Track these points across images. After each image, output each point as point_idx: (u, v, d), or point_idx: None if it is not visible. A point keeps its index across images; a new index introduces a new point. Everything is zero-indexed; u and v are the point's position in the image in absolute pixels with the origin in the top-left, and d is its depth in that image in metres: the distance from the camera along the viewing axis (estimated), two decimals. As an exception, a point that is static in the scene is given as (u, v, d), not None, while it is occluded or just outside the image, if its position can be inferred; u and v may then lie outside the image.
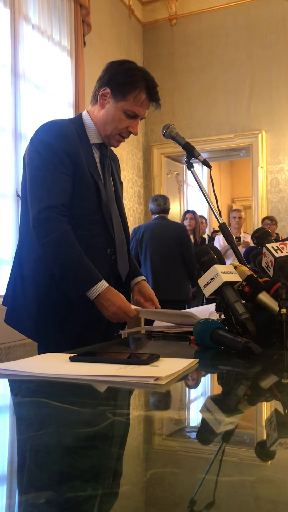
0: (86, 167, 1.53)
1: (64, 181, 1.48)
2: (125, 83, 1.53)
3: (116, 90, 1.54)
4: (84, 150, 1.55)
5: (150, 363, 0.87)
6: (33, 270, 1.52)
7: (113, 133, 1.58)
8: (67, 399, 0.71)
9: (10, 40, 3.88)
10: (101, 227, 1.55)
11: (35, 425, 0.59)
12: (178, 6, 6.63)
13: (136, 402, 0.72)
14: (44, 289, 1.49)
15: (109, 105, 1.56)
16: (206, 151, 6.45)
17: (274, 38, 6.14)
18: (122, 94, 1.53)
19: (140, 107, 1.55)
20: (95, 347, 1.25)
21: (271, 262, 1.25)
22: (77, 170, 1.51)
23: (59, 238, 1.43)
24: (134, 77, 1.54)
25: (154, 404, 0.71)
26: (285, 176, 6.17)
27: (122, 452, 0.50)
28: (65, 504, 0.37)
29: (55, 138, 1.51)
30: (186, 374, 0.86)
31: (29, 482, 0.44)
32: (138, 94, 1.53)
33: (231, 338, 1.01)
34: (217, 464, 0.48)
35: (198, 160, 1.59)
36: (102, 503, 0.38)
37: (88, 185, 1.53)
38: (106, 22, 5.74)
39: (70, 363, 0.91)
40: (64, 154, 1.49)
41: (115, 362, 0.89)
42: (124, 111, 1.54)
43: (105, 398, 0.72)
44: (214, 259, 1.22)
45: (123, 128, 1.57)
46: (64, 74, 4.63)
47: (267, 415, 0.67)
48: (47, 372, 0.84)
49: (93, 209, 1.54)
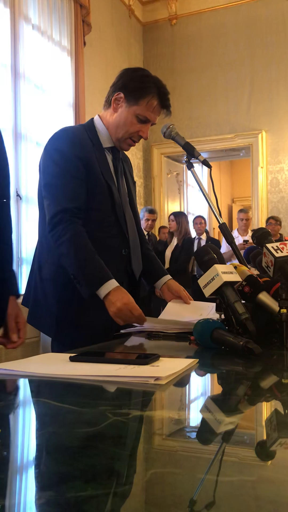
0: (100, 171, 1.58)
1: (78, 186, 1.54)
2: (139, 88, 1.60)
3: (130, 95, 1.60)
4: (97, 154, 1.60)
5: (150, 363, 0.87)
6: (52, 273, 1.58)
7: (124, 137, 1.63)
8: (67, 399, 0.71)
9: (10, 40, 3.88)
10: (115, 229, 1.61)
11: (35, 425, 0.59)
12: (178, 6, 6.63)
13: (136, 402, 0.72)
14: (63, 289, 1.55)
15: (121, 109, 1.62)
16: (206, 151, 6.45)
17: (274, 38, 6.14)
18: (135, 98, 1.59)
19: (151, 112, 1.61)
20: (95, 347, 1.25)
21: (271, 262, 1.25)
22: (91, 174, 1.56)
23: (71, 239, 1.48)
24: (148, 83, 1.61)
25: (154, 404, 0.71)
26: (285, 176, 6.17)
27: (122, 452, 0.50)
28: (65, 504, 0.37)
29: (67, 145, 1.56)
30: (186, 374, 0.86)
31: (29, 482, 0.44)
32: (150, 99, 1.60)
33: (231, 338, 1.01)
34: (217, 464, 0.48)
35: (198, 160, 1.59)
36: (102, 503, 0.38)
37: (102, 188, 1.58)
38: (106, 22, 5.74)
39: (70, 363, 0.91)
40: (77, 160, 1.54)
41: (115, 362, 0.89)
42: (136, 115, 1.60)
43: (105, 398, 0.72)
44: (214, 259, 1.22)
45: (134, 132, 1.63)
46: (64, 74, 4.63)
47: (267, 415, 0.67)
48: (47, 372, 0.84)
49: (107, 212, 1.59)
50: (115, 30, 5.98)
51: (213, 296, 1.17)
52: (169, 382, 0.77)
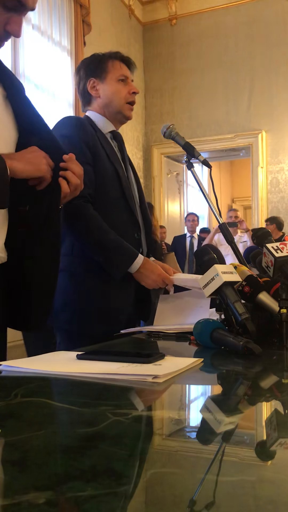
0: (106, 156, 1.62)
1: (87, 172, 1.55)
2: (98, 63, 1.71)
3: (97, 73, 1.70)
4: (101, 140, 1.64)
5: (153, 362, 0.87)
6: (67, 263, 1.58)
7: (121, 104, 1.70)
8: (67, 399, 0.71)
9: (10, 40, 3.87)
10: (126, 215, 1.64)
11: (35, 425, 0.59)
12: (178, 6, 6.63)
13: (136, 402, 0.72)
14: (79, 279, 1.59)
15: (101, 89, 1.70)
16: (206, 151, 6.45)
17: (274, 38, 6.14)
18: (103, 72, 1.69)
19: (121, 69, 1.71)
20: (102, 346, 1.25)
21: (271, 262, 1.25)
22: (97, 159, 1.59)
23: (89, 223, 1.52)
24: (100, 56, 1.74)
25: (154, 404, 0.71)
26: (285, 176, 6.17)
27: (122, 452, 0.50)
28: (65, 504, 0.37)
29: (73, 130, 1.60)
30: (186, 374, 0.86)
31: (29, 482, 0.44)
32: (113, 63, 1.71)
33: (231, 338, 1.01)
34: (217, 464, 0.48)
35: (198, 160, 1.60)
36: (102, 503, 0.38)
37: (110, 173, 1.61)
38: (106, 22, 5.74)
39: (74, 361, 0.91)
40: (84, 145, 1.57)
41: (120, 360, 0.89)
42: (116, 80, 1.69)
43: (105, 398, 0.72)
44: (214, 259, 1.22)
45: (127, 94, 1.70)
46: (64, 74, 4.63)
47: (267, 415, 0.67)
48: (50, 369, 0.84)
49: (117, 197, 1.63)
50: (115, 30, 5.98)
51: (213, 296, 1.17)
52: (170, 382, 0.77)
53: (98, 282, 1.57)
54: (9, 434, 0.54)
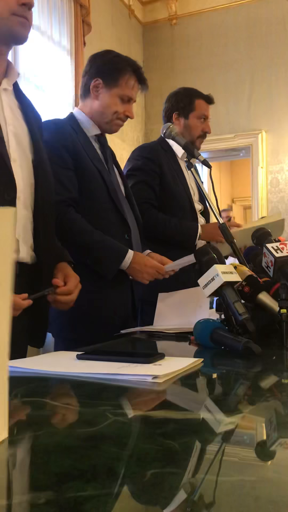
0: (88, 159, 1.60)
1: (66, 176, 1.54)
2: (114, 70, 1.64)
3: (107, 78, 1.63)
4: (82, 143, 1.61)
5: (153, 362, 0.87)
6: None
7: (112, 119, 1.66)
8: (67, 399, 0.71)
9: (10, 40, 3.88)
10: (114, 216, 1.62)
11: (35, 425, 0.59)
12: (178, 6, 6.62)
13: (136, 402, 0.72)
14: None
15: (102, 94, 1.65)
16: (206, 151, 6.44)
17: (274, 38, 6.13)
18: (113, 81, 1.63)
19: (132, 90, 1.66)
20: (103, 345, 1.24)
21: (271, 262, 1.25)
22: (79, 162, 1.58)
23: (73, 228, 1.51)
24: (120, 63, 1.66)
25: (154, 404, 0.71)
26: (285, 176, 6.17)
27: (122, 452, 0.50)
28: (65, 504, 0.37)
29: (52, 135, 1.56)
30: (186, 374, 0.86)
31: (29, 482, 0.44)
32: (128, 78, 1.65)
33: (231, 338, 1.01)
34: (217, 464, 0.48)
35: (198, 160, 1.59)
36: (102, 503, 0.38)
37: (94, 176, 1.59)
38: (106, 22, 5.74)
39: (74, 361, 0.91)
40: (62, 149, 1.55)
41: (120, 360, 0.89)
42: (119, 96, 1.64)
43: (105, 398, 0.72)
44: (214, 259, 1.21)
45: (121, 113, 1.67)
46: (64, 74, 4.63)
47: (267, 415, 0.67)
48: (50, 369, 0.84)
49: (103, 199, 1.61)
50: (115, 30, 5.97)
51: (213, 296, 1.17)
52: (170, 382, 0.77)
53: (90, 287, 1.51)
54: (9, 434, 0.54)
